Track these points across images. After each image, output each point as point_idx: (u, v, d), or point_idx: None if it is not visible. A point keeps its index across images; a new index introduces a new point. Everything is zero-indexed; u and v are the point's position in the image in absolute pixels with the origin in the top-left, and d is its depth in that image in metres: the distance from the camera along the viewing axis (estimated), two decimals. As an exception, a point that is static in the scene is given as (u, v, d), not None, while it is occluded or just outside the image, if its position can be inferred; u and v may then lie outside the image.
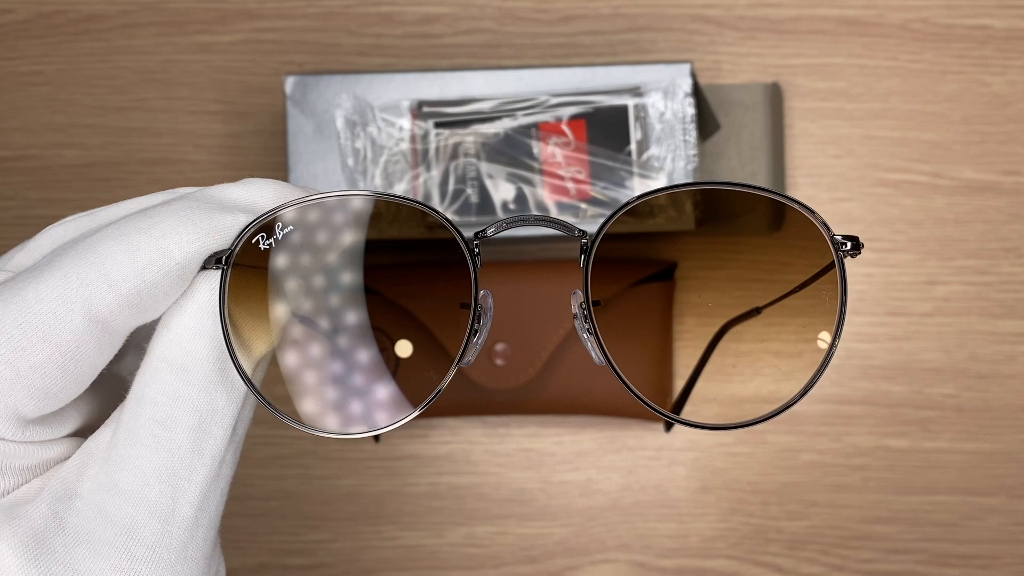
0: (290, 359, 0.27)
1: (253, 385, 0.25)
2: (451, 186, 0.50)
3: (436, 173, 0.50)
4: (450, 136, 0.50)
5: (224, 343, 0.24)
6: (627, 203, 0.28)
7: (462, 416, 0.57)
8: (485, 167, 0.50)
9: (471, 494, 0.58)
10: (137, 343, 0.26)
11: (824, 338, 0.28)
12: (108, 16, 0.58)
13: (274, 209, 0.25)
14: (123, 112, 0.58)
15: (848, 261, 0.28)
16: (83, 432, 0.26)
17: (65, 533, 0.23)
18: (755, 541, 0.57)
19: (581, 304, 0.28)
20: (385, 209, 0.45)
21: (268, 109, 0.57)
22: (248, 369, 0.25)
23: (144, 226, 0.24)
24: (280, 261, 0.26)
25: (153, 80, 0.58)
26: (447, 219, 0.27)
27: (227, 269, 0.25)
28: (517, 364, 0.53)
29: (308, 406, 0.27)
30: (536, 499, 0.57)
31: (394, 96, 0.51)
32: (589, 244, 0.28)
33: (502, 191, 0.50)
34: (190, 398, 0.24)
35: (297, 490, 0.58)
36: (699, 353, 0.34)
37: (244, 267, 0.25)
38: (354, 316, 0.28)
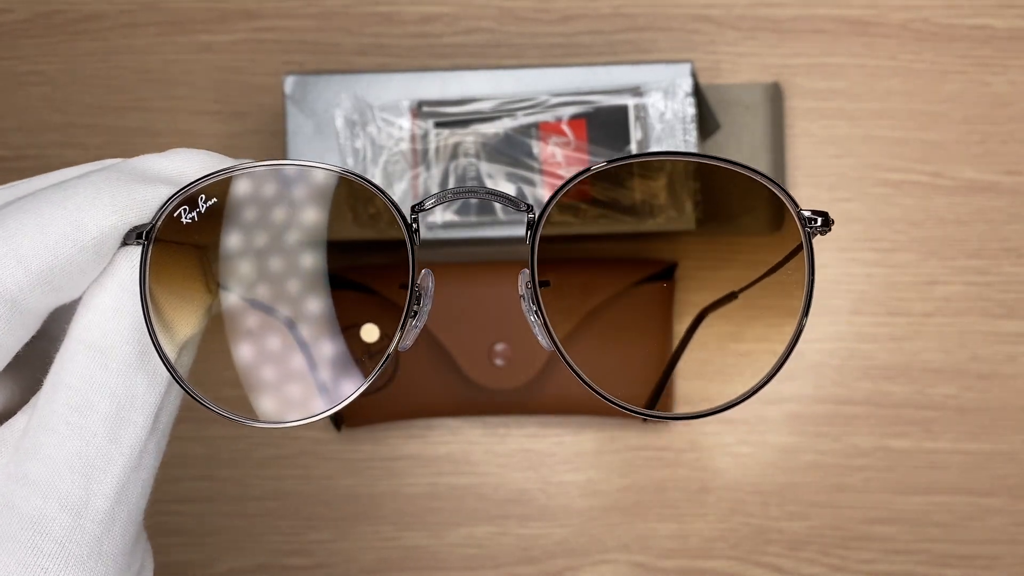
0: (223, 343, 0.26)
1: (174, 369, 0.23)
2: (451, 186, 0.50)
3: (436, 173, 0.50)
4: (450, 136, 0.50)
5: (144, 324, 0.23)
6: (576, 176, 0.27)
7: (462, 416, 0.57)
8: (485, 167, 0.50)
9: (471, 494, 0.57)
10: (66, 326, 0.24)
11: (791, 323, 0.27)
12: (108, 16, 0.58)
13: (197, 180, 0.24)
14: (122, 112, 0.58)
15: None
16: None
17: None
18: (755, 542, 0.57)
19: (527, 284, 0.26)
20: (385, 209, 0.45)
21: (268, 109, 0.57)
22: (171, 353, 0.23)
23: (57, 199, 0.22)
24: (205, 236, 0.25)
25: (153, 80, 0.58)
26: (381, 190, 0.25)
27: (148, 245, 0.23)
28: (517, 364, 0.53)
29: (236, 392, 0.26)
30: (536, 499, 0.57)
31: (394, 96, 0.51)
32: (536, 220, 0.26)
33: (502, 191, 0.50)
34: (107, 383, 0.22)
35: (296, 490, 0.58)
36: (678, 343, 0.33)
37: (167, 243, 0.23)
38: (287, 295, 0.26)
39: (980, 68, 0.57)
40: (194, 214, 0.24)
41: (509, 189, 0.50)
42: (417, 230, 0.25)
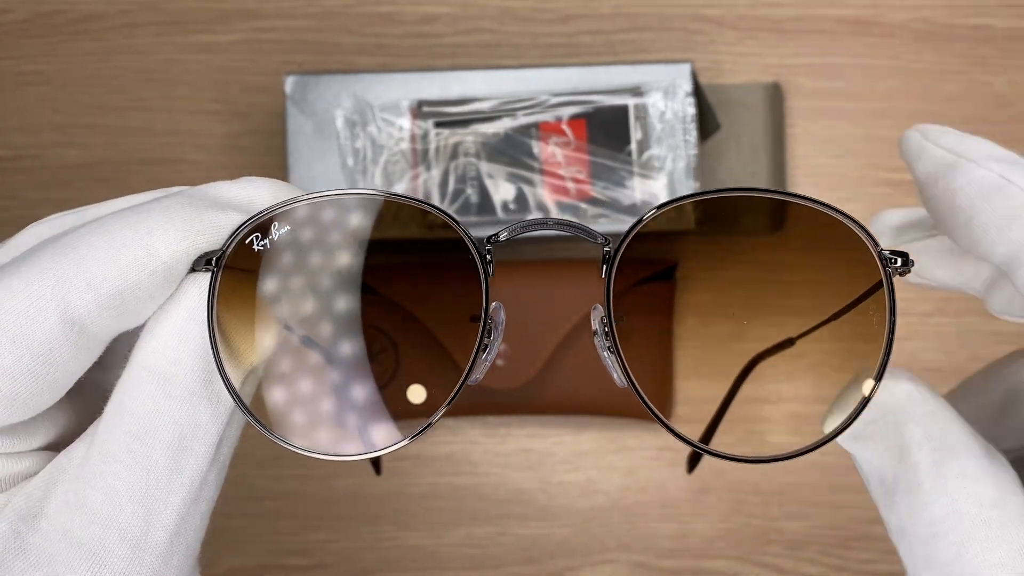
0: (282, 372, 0.25)
1: (240, 399, 0.23)
2: (451, 186, 0.50)
3: (436, 173, 0.50)
4: (450, 136, 0.50)
5: (211, 352, 0.22)
6: (662, 205, 0.25)
7: (462, 416, 0.57)
8: (485, 167, 0.50)
9: (471, 494, 0.57)
10: (125, 353, 0.23)
11: (868, 375, 0.24)
12: (108, 16, 0.58)
13: (270, 208, 0.23)
14: (123, 112, 0.58)
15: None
16: (57, 446, 0.24)
17: (26, 556, 0.21)
18: (756, 542, 0.57)
19: (602, 319, 0.25)
20: (384, 207, 0.45)
21: (268, 109, 0.57)
22: (236, 381, 0.23)
23: (130, 223, 0.22)
24: (275, 264, 0.24)
25: (153, 80, 0.58)
26: (457, 221, 0.24)
27: (217, 271, 0.22)
28: (517, 364, 0.53)
29: (299, 423, 0.25)
30: (536, 499, 0.57)
31: (394, 96, 0.51)
32: (613, 252, 0.25)
33: (502, 191, 0.50)
34: (170, 411, 0.22)
35: (297, 490, 0.58)
36: (721, 376, 0.32)
37: (237, 270, 0.23)
38: (355, 327, 0.26)
39: (980, 68, 0.57)
40: (266, 242, 0.23)
41: (509, 189, 0.50)
42: (492, 261, 0.24)
